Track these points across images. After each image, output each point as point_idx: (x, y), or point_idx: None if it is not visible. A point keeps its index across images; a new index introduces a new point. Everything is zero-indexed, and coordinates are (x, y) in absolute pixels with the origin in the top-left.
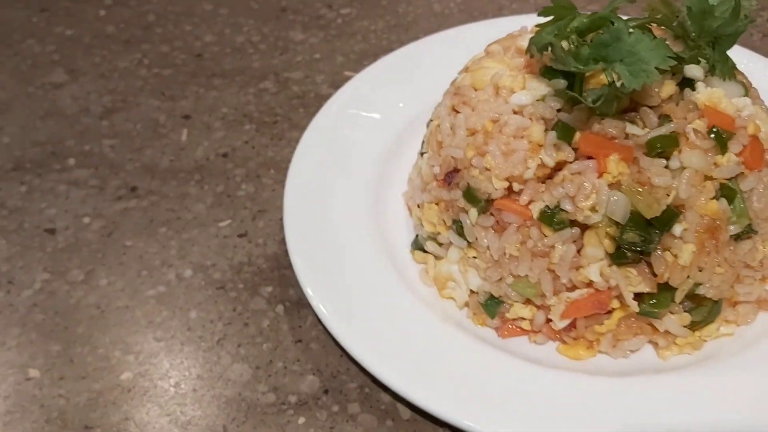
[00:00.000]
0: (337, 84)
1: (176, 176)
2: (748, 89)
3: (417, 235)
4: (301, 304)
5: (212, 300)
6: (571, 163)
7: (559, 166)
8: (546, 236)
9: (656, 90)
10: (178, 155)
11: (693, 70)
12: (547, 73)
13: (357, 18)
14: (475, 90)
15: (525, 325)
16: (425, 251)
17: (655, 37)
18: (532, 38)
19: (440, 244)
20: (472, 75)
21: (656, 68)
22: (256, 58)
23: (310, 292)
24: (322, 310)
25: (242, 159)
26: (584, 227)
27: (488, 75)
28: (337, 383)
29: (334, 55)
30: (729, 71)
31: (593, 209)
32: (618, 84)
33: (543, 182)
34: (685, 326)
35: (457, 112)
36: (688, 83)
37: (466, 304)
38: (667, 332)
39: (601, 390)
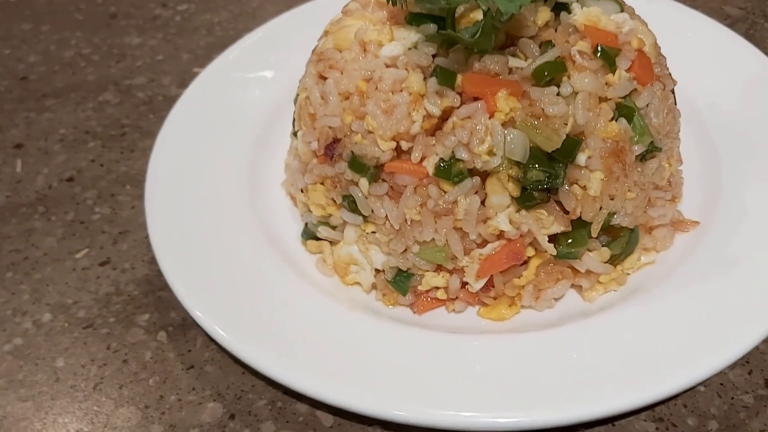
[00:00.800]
0: (186, 83)
1: (16, 212)
2: (622, 5)
3: (306, 224)
4: (186, 326)
5: (80, 342)
6: (458, 108)
7: (447, 114)
8: (446, 192)
9: (531, 19)
10: (15, 189)
11: None
12: (414, 19)
13: (197, 13)
14: (340, 51)
15: (440, 294)
16: (318, 239)
17: None
18: None
19: (334, 227)
20: (334, 36)
21: None
22: (90, 70)
23: (198, 313)
24: (215, 329)
25: (91, 180)
26: (485, 175)
27: (351, 33)
28: (244, 404)
29: (179, 54)
30: None
31: (490, 152)
32: (494, 13)
33: (432, 135)
34: (606, 262)
35: (325, 78)
36: (562, 8)
37: (374, 286)
38: (589, 272)
39: (532, 345)
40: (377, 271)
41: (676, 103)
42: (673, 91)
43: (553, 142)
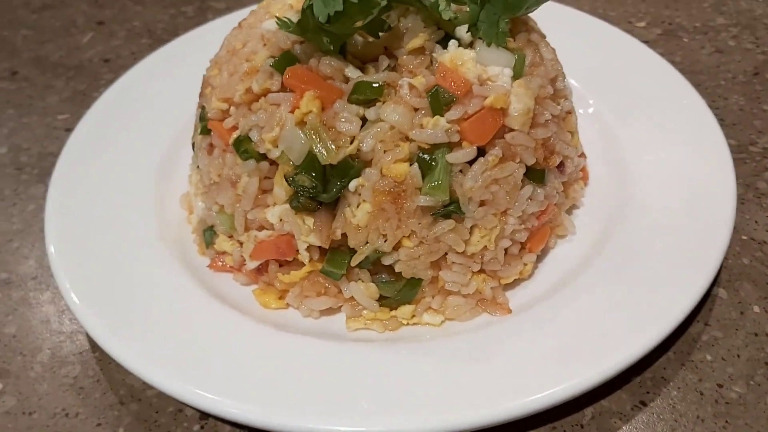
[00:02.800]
0: None
1: (55, 70)
2: (524, 62)
3: None
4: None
5: (4, 178)
6: (273, 92)
7: (265, 93)
8: (237, 164)
9: (406, 40)
10: (70, 53)
11: (461, 31)
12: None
13: None
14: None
15: (229, 260)
16: None
17: None
18: None
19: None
20: (266, 6)
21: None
22: None
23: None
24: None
25: (119, 66)
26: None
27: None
28: (48, 274)
29: None
30: (497, 37)
31: (274, 143)
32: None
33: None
34: (374, 298)
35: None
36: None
37: (195, 231)
38: (354, 300)
39: (261, 343)
40: (199, 218)
41: (546, 182)
42: (539, 170)
43: (329, 156)
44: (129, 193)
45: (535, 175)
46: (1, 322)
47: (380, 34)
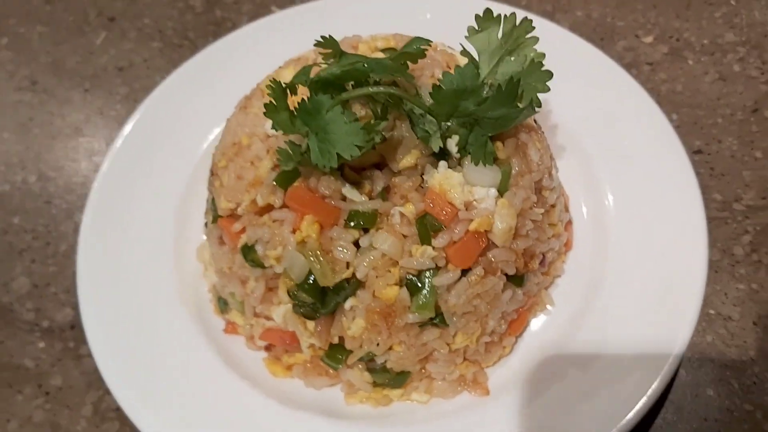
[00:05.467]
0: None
1: (72, 79)
2: (509, 176)
3: None
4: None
5: (35, 212)
6: (277, 208)
7: (270, 208)
8: (245, 267)
9: (400, 156)
10: (86, 58)
11: (450, 145)
12: None
13: None
14: (263, 97)
15: (241, 331)
16: None
17: (356, 119)
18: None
19: None
20: (266, 80)
21: (338, 154)
22: None
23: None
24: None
25: (131, 78)
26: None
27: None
28: None
29: None
30: (485, 157)
31: (277, 260)
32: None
33: (261, 215)
34: (368, 382)
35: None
36: (442, 157)
37: (211, 290)
38: (350, 382)
39: (260, 411)
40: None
41: (525, 283)
42: (519, 276)
43: (327, 279)
44: (150, 247)
45: (514, 279)
46: (48, 373)
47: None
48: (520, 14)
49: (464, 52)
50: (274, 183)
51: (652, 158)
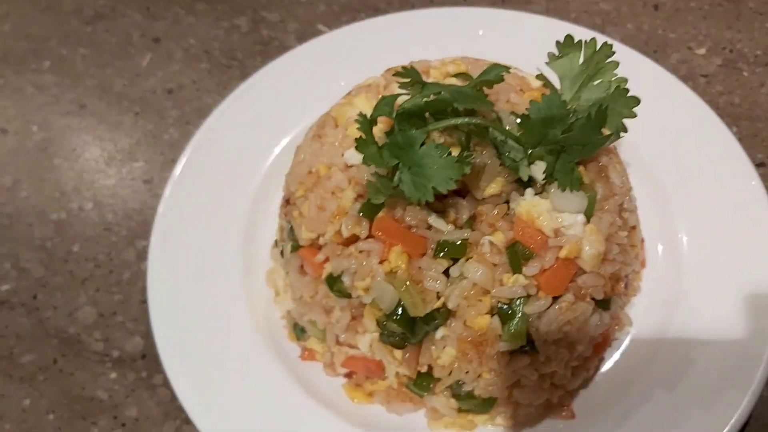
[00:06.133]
0: (306, 38)
1: (120, 103)
2: (595, 201)
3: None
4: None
5: (95, 240)
6: (363, 239)
7: (356, 238)
8: (330, 297)
9: (484, 183)
10: (133, 81)
11: (535, 171)
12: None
13: None
14: (336, 126)
15: (319, 357)
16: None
17: (449, 153)
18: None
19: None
20: (340, 107)
21: (434, 188)
22: None
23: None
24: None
25: (182, 100)
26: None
27: (348, 113)
28: (156, 352)
29: (317, 3)
30: (572, 184)
31: (366, 290)
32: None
33: (345, 246)
34: (453, 408)
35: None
36: (526, 185)
37: (285, 317)
38: (435, 408)
39: None
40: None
41: (611, 306)
42: (605, 300)
43: (418, 309)
44: (219, 273)
45: (601, 303)
46: (122, 404)
47: None
48: (600, 39)
49: (541, 77)
50: (359, 214)
51: (718, 172)
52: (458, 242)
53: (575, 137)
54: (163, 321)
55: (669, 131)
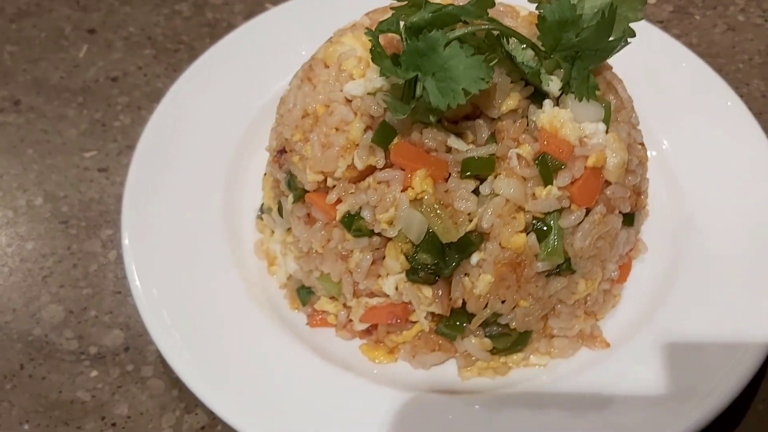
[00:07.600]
0: (254, 16)
1: (60, 95)
2: (610, 110)
3: (262, 203)
4: None
5: (50, 235)
6: (380, 170)
7: (370, 170)
8: (347, 240)
9: (498, 101)
10: (71, 72)
11: (551, 84)
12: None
13: None
14: (326, 67)
15: (330, 319)
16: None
17: (475, 53)
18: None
19: (274, 220)
20: (326, 48)
21: (464, 89)
22: None
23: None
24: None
25: (129, 86)
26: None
27: (338, 52)
28: (140, 343)
29: None
30: (588, 91)
31: (390, 223)
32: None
33: (356, 183)
34: (487, 350)
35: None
36: (542, 97)
37: (285, 286)
38: (466, 353)
39: (375, 400)
40: (290, 275)
41: (635, 223)
42: (630, 214)
43: (450, 235)
44: (206, 252)
45: (627, 219)
46: (110, 403)
47: None
48: None
49: None
50: (372, 144)
51: (699, 102)
52: (486, 158)
53: (589, 40)
54: (152, 307)
55: (649, 68)
